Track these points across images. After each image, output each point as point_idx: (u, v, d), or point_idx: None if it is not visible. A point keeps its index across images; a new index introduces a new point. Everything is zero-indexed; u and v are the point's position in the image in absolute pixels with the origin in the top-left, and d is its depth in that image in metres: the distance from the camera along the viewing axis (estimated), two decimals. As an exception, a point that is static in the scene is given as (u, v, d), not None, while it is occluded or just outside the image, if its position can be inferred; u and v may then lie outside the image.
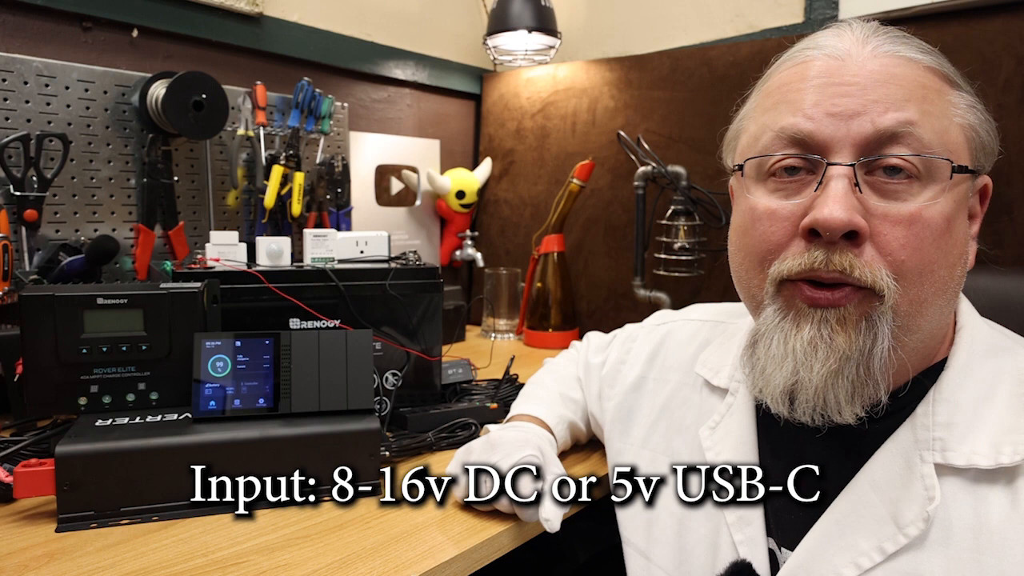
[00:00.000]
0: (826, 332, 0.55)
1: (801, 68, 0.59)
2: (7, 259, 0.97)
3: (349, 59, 1.54)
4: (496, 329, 1.68)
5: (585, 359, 0.92)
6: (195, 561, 0.63)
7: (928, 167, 0.55)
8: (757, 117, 0.62)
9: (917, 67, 0.57)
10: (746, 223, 0.61)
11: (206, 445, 0.72)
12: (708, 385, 0.73)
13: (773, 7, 1.42)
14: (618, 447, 0.81)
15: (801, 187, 0.57)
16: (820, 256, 0.54)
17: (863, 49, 0.57)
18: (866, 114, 0.55)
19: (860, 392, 0.55)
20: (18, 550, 0.64)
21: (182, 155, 1.26)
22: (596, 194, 1.61)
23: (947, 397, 0.57)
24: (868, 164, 0.55)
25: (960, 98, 0.59)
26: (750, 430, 0.67)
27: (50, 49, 1.12)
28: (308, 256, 1.04)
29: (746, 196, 0.61)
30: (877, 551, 0.55)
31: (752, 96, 0.65)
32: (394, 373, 0.98)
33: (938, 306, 0.56)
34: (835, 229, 0.53)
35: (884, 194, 0.55)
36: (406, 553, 0.66)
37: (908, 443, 0.57)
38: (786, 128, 0.57)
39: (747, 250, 0.61)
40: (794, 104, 0.58)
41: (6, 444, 0.75)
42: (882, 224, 0.54)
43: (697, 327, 0.81)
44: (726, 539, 0.64)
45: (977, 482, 0.54)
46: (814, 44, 0.60)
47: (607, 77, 1.60)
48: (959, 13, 1.15)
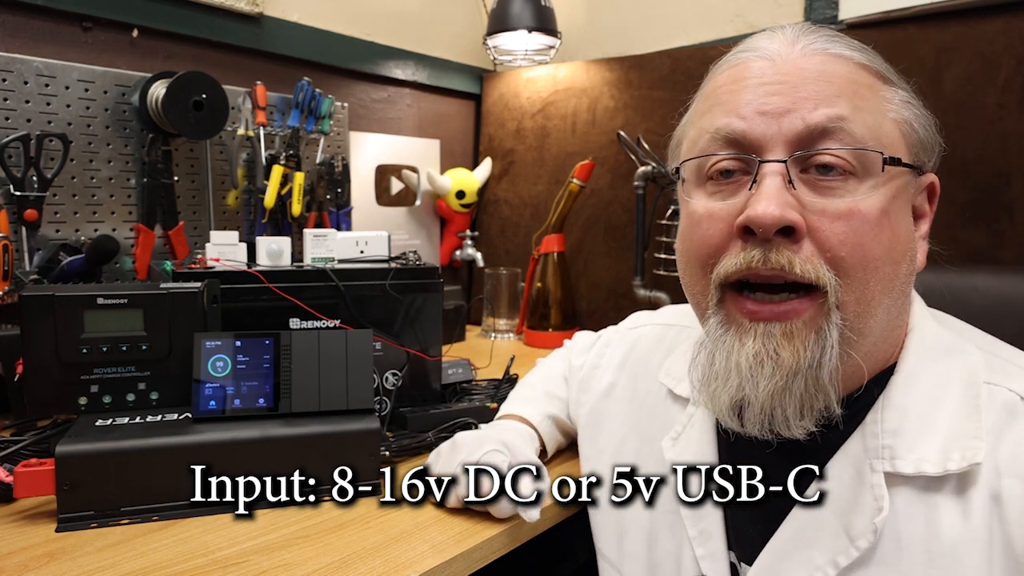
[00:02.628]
0: (771, 346, 0.53)
1: (735, 71, 0.59)
2: (7, 259, 0.97)
3: (349, 59, 1.54)
4: (496, 329, 1.68)
5: (568, 361, 0.92)
6: (195, 561, 0.63)
7: (862, 161, 0.54)
8: (695, 122, 0.62)
9: (848, 63, 0.57)
10: (687, 227, 0.61)
11: (206, 445, 0.72)
12: (671, 394, 0.72)
13: (773, 7, 1.43)
14: (588, 453, 0.80)
15: (738, 188, 0.57)
16: (757, 255, 0.53)
17: (793, 48, 0.57)
18: (796, 111, 0.54)
19: (809, 406, 0.54)
20: (18, 550, 0.64)
21: (182, 155, 1.27)
22: (596, 194, 1.61)
23: (896, 403, 0.56)
24: (801, 160, 0.54)
25: (894, 93, 0.58)
26: (710, 441, 0.66)
27: (50, 49, 1.12)
28: (308, 256, 1.04)
29: (688, 200, 0.61)
30: (831, 565, 0.54)
31: (693, 102, 0.65)
32: (394, 373, 0.98)
33: (885, 306, 0.55)
34: (768, 225, 0.52)
35: (820, 191, 0.54)
36: (406, 553, 0.66)
37: (858, 452, 0.56)
38: (720, 129, 0.57)
39: (689, 255, 0.60)
40: (727, 105, 0.58)
41: (6, 444, 0.75)
42: (819, 220, 0.53)
43: (663, 332, 0.79)
44: (688, 554, 0.64)
45: (928, 491, 0.53)
46: (747, 47, 0.60)
47: (607, 77, 1.60)
48: (959, 13, 1.15)
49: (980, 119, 1.13)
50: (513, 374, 1.13)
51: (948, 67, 1.16)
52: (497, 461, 0.72)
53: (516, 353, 1.32)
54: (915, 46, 1.18)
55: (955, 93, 1.14)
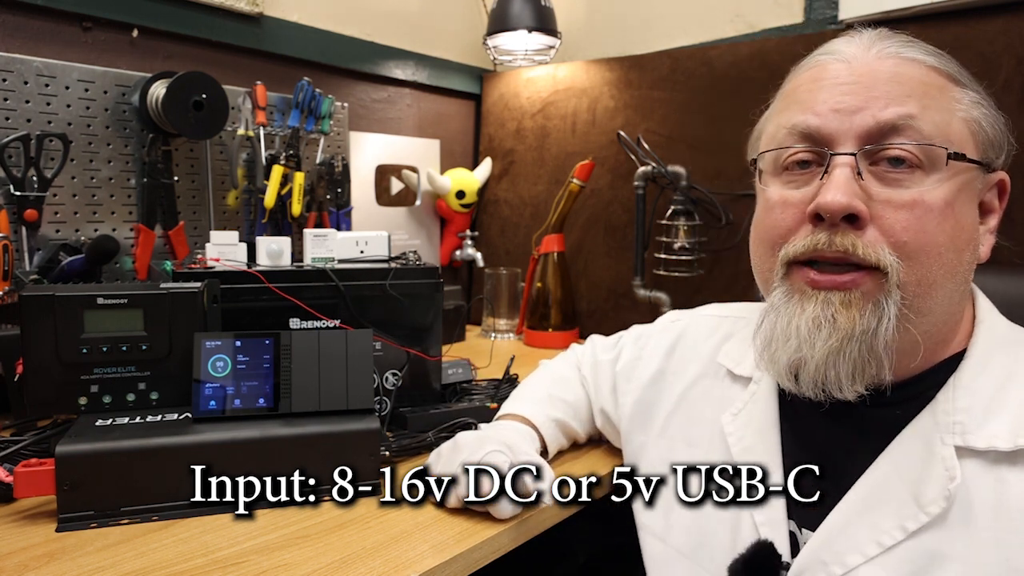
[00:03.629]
0: (829, 312, 0.58)
1: (813, 72, 0.64)
2: (7, 259, 0.97)
3: (349, 59, 1.54)
4: (496, 329, 1.68)
5: (593, 358, 0.92)
6: (195, 561, 0.63)
7: (929, 156, 0.58)
8: (774, 118, 0.67)
9: (920, 67, 0.61)
10: (762, 213, 0.66)
11: (206, 445, 0.72)
12: (731, 375, 0.75)
13: (773, 7, 1.42)
14: (640, 440, 0.81)
15: (811, 178, 0.61)
16: (823, 238, 0.58)
17: (868, 52, 0.62)
18: (868, 109, 0.59)
19: (861, 371, 0.57)
20: (18, 550, 0.64)
21: (182, 155, 1.27)
22: (596, 194, 1.61)
23: (966, 384, 0.59)
24: (870, 153, 0.58)
25: (964, 95, 0.62)
26: (773, 417, 0.69)
27: (50, 49, 1.12)
28: (308, 256, 1.04)
29: (764, 189, 0.66)
30: (899, 529, 0.56)
31: (773, 101, 0.71)
32: (394, 373, 0.98)
33: (948, 289, 0.59)
34: (835, 212, 0.57)
35: (887, 182, 0.58)
36: (406, 553, 0.66)
37: (929, 427, 0.59)
38: (796, 124, 0.62)
39: (761, 237, 0.66)
40: (804, 103, 0.62)
41: (6, 444, 0.75)
42: (884, 209, 0.57)
43: (717, 322, 0.83)
44: (747, 521, 0.66)
45: (997, 464, 0.56)
46: (826, 50, 0.65)
47: (607, 77, 1.60)
48: (959, 13, 1.15)
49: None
50: (513, 374, 1.13)
51: (948, 67, 1.16)
52: (498, 461, 0.72)
53: (516, 353, 1.32)
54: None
55: (955, 93, 1.14)
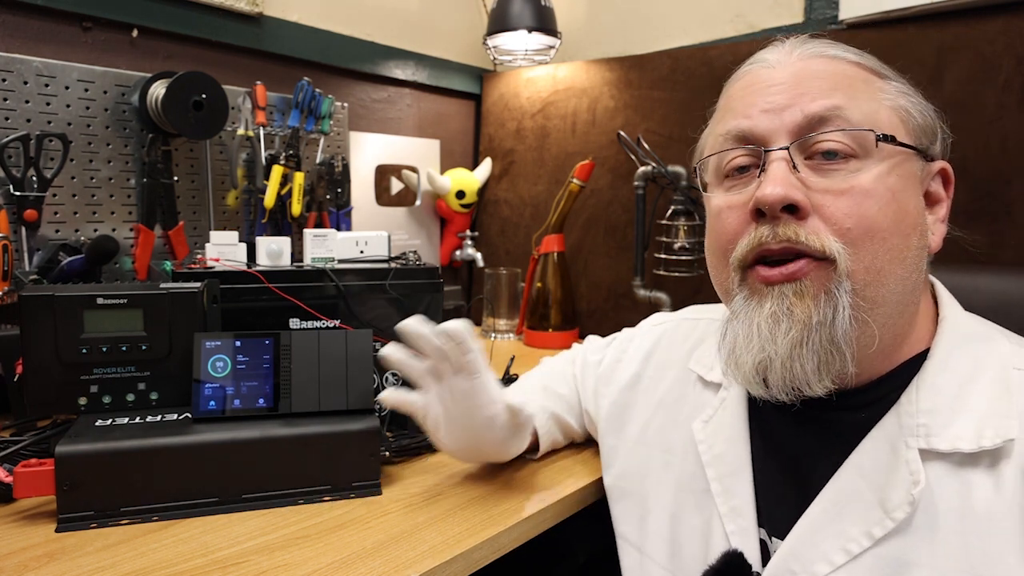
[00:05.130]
0: (785, 305, 0.58)
1: (743, 81, 0.66)
2: (7, 259, 0.97)
3: (349, 59, 1.54)
4: (496, 329, 1.68)
5: (583, 358, 0.93)
6: (195, 561, 0.63)
7: (861, 143, 0.58)
8: (712, 129, 0.68)
9: (841, 63, 0.62)
10: (711, 223, 0.66)
11: (206, 445, 0.72)
12: (702, 380, 0.75)
13: (773, 7, 1.42)
14: (612, 443, 0.81)
15: (750, 180, 0.62)
16: (766, 231, 0.58)
17: (791, 56, 0.63)
18: (796, 105, 0.60)
19: (826, 364, 0.57)
20: (18, 550, 0.64)
21: (182, 155, 1.26)
22: (596, 194, 1.61)
23: (930, 384, 0.59)
24: (803, 147, 0.59)
25: (889, 85, 0.63)
26: (742, 424, 0.68)
27: (50, 49, 1.12)
28: (308, 256, 1.04)
29: (710, 200, 0.67)
30: (865, 536, 0.56)
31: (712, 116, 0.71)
32: (394, 373, 0.98)
33: (898, 276, 0.58)
34: (773, 203, 0.57)
35: (823, 173, 0.59)
36: (406, 553, 0.66)
37: (893, 430, 0.58)
38: (731, 130, 0.63)
39: (713, 247, 0.66)
40: (735, 110, 0.64)
41: (6, 444, 0.75)
42: (824, 197, 0.58)
43: (692, 325, 0.82)
44: (718, 530, 0.65)
45: (962, 466, 0.55)
46: (753, 60, 0.67)
47: (607, 77, 1.60)
48: (959, 13, 1.15)
49: (980, 119, 1.13)
50: (513, 374, 1.13)
51: (948, 67, 1.16)
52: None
53: (516, 353, 1.32)
54: (915, 46, 1.18)
55: (955, 93, 1.14)
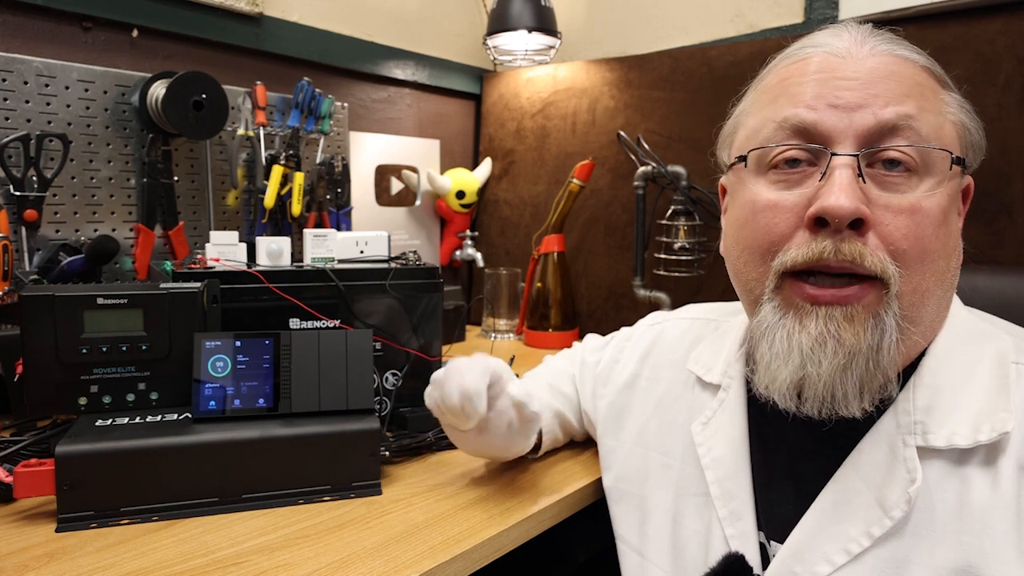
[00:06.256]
0: (833, 327, 0.55)
1: (801, 64, 0.60)
2: (7, 259, 0.97)
3: (349, 59, 1.54)
4: (496, 329, 1.68)
5: (581, 357, 0.93)
6: (195, 561, 0.63)
7: (926, 160, 0.56)
8: (756, 112, 0.63)
9: (913, 66, 0.59)
10: (746, 216, 0.61)
11: (206, 445, 0.72)
12: (700, 382, 0.74)
13: (773, 7, 1.42)
14: (610, 445, 0.81)
15: (804, 178, 0.58)
16: (829, 246, 0.55)
17: (861, 48, 0.59)
18: (868, 107, 0.56)
19: (868, 386, 0.55)
20: (18, 550, 0.64)
21: (182, 155, 1.26)
22: (596, 194, 1.61)
23: (927, 382, 0.58)
24: (870, 155, 0.56)
25: (951, 98, 0.61)
26: (742, 425, 0.68)
27: (50, 49, 1.12)
28: (308, 256, 1.04)
29: (746, 189, 0.61)
30: (865, 536, 0.56)
31: (749, 93, 0.66)
32: (394, 373, 0.98)
33: (937, 296, 0.58)
34: (843, 216, 0.53)
35: (884, 186, 0.56)
36: (406, 553, 0.66)
37: (891, 429, 0.58)
38: (789, 118, 0.58)
39: (747, 243, 0.61)
40: (795, 97, 0.58)
41: (6, 444, 0.75)
42: (883, 214, 0.55)
43: (689, 325, 0.81)
44: (718, 534, 0.65)
45: (960, 464, 0.55)
46: (812, 43, 0.61)
47: (607, 77, 1.60)
48: (959, 13, 1.15)
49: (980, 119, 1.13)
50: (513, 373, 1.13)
51: (948, 67, 1.15)
52: (481, 363, 0.73)
53: (516, 353, 1.32)
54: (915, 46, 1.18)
55: (955, 93, 1.14)
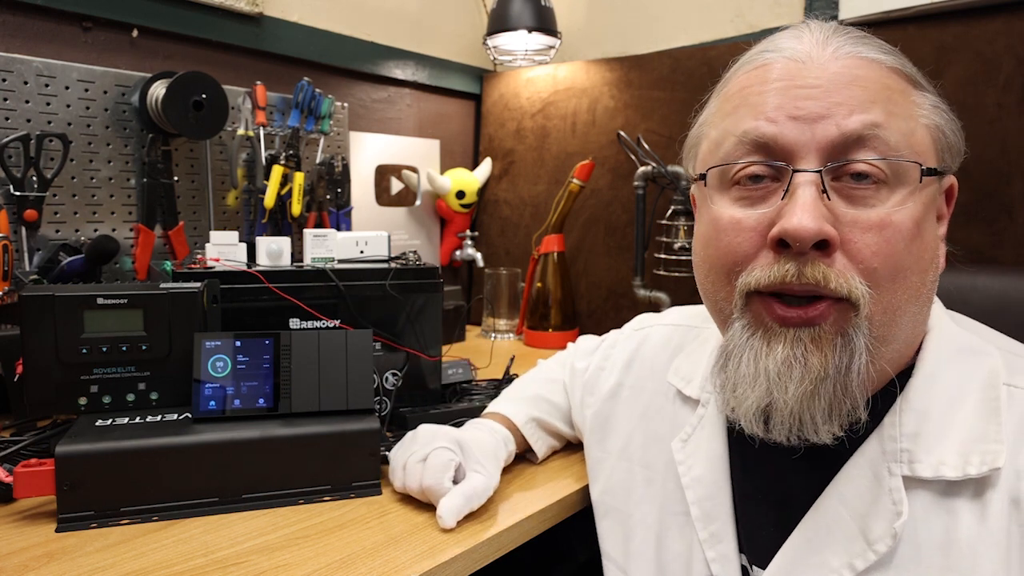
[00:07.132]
0: (799, 351, 0.52)
1: (761, 71, 0.57)
2: (7, 259, 0.97)
3: (349, 59, 1.54)
4: (496, 329, 1.68)
5: (572, 364, 0.91)
6: (195, 561, 0.63)
7: (895, 171, 0.53)
8: (717, 123, 0.60)
9: (880, 68, 0.55)
10: (710, 234, 0.58)
11: (206, 445, 0.72)
12: (680, 395, 0.71)
13: (773, 7, 1.43)
14: (597, 455, 0.79)
15: (767, 195, 0.55)
16: (791, 269, 0.52)
17: (824, 51, 0.55)
18: (830, 117, 0.52)
19: (838, 410, 0.52)
20: (18, 550, 0.64)
21: (182, 155, 1.26)
22: (596, 194, 1.61)
23: (914, 406, 0.55)
24: (835, 170, 0.52)
25: (924, 98, 0.56)
26: (721, 444, 0.65)
27: (50, 49, 1.12)
28: (308, 256, 1.04)
29: (709, 206, 0.59)
30: (847, 568, 0.54)
31: (711, 100, 0.63)
32: (394, 373, 0.98)
33: (911, 313, 0.54)
34: (805, 239, 0.50)
35: (852, 200, 0.52)
36: (406, 553, 0.66)
37: (876, 455, 0.55)
38: (748, 132, 0.55)
39: (712, 262, 0.58)
40: (755, 108, 0.55)
41: (6, 444, 0.75)
42: (852, 231, 0.52)
43: (671, 332, 0.79)
44: (699, 556, 0.64)
45: (946, 495, 0.52)
46: (773, 47, 0.58)
47: (607, 77, 1.60)
48: (959, 13, 1.15)
49: (980, 119, 1.13)
50: (513, 374, 1.13)
51: (948, 67, 1.16)
52: (443, 459, 0.73)
53: (516, 353, 1.32)
54: (915, 46, 1.18)
55: (955, 93, 1.14)
